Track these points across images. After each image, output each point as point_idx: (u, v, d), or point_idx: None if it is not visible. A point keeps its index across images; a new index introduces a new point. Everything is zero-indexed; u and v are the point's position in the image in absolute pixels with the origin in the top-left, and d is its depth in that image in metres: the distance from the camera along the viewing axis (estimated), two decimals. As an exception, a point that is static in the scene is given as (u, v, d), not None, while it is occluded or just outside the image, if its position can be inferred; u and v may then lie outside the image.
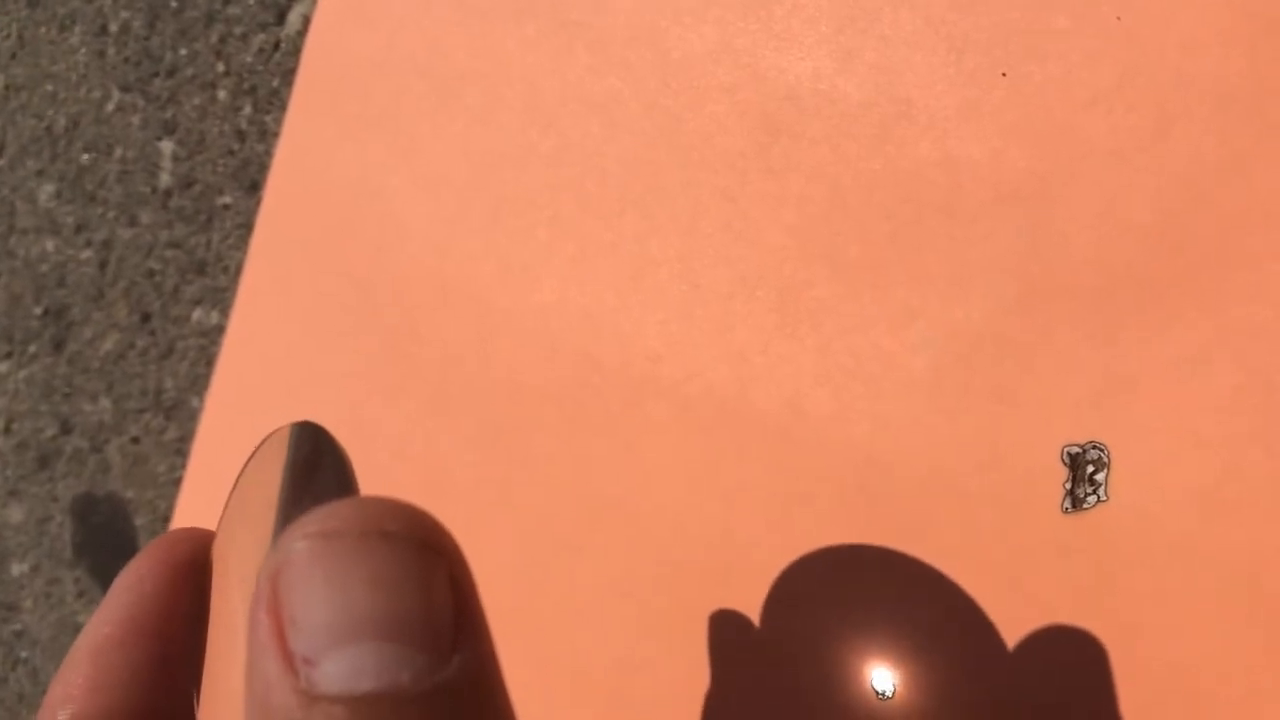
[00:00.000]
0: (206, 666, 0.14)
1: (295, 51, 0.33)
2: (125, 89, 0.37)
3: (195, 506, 0.36)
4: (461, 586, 0.11)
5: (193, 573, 0.15)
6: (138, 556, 0.15)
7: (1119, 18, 0.22)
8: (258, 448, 0.15)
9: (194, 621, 0.15)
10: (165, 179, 0.36)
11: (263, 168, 0.34)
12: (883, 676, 0.24)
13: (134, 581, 0.15)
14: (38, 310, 0.39)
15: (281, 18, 0.33)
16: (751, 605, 0.26)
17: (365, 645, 0.10)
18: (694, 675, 0.26)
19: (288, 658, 0.10)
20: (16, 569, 0.41)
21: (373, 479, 0.26)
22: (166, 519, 0.37)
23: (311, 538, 0.10)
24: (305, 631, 0.10)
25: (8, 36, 0.39)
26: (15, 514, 0.41)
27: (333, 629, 0.10)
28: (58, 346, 0.39)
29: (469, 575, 0.11)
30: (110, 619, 0.15)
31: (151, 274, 0.37)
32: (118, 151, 0.37)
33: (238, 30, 0.34)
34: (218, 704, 0.13)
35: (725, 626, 0.26)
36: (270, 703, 0.10)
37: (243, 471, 0.15)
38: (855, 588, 0.25)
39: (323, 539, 0.10)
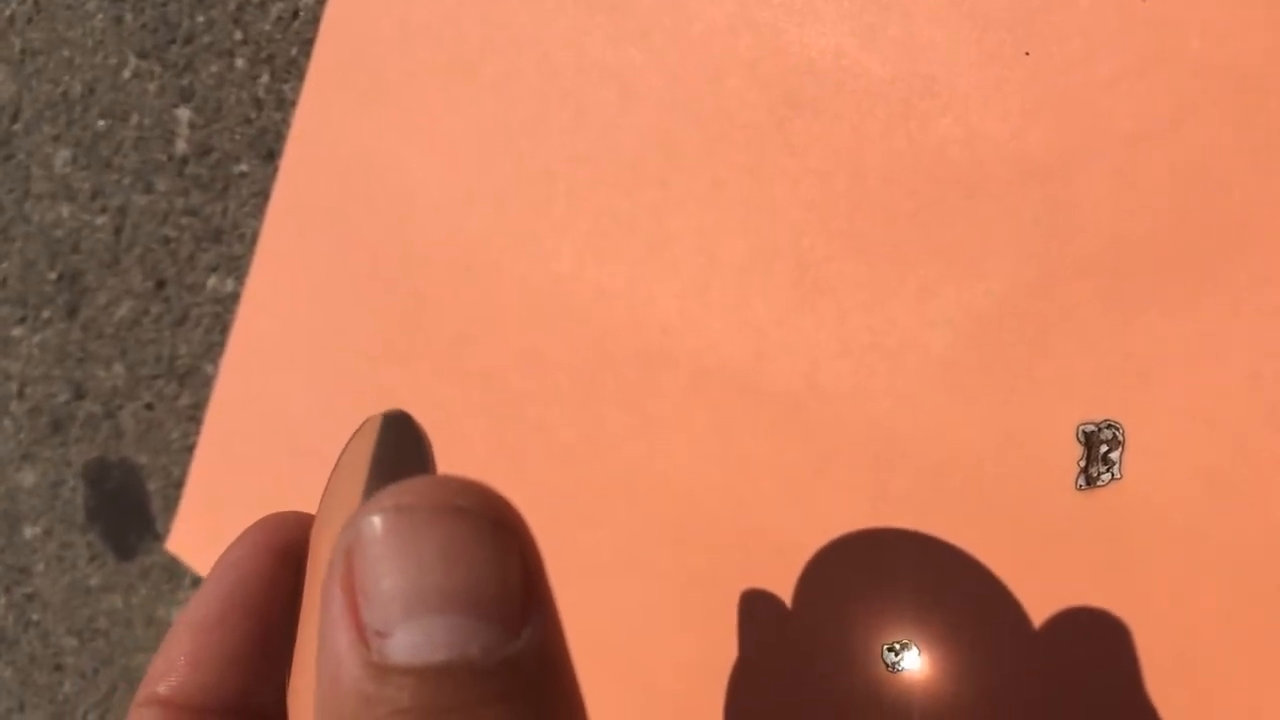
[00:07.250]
0: (296, 648, 0.14)
1: (313, 21, 0.33)
2: (142, 55, 0.37)
3: (208, 473, 0.36)
4: (531, 564, 0.11)
5: (293, 557, 0.15)
6: (240, 538, 0.15)
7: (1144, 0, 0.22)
8: (354, 434, 0.15)
9: (294, 605, 0.15)
10: (181, 146, 0.36)
11: (280, 136, 0.34)
12: (895, 650, 0.24)
13: (235, 562, 0.15)
14: (52, 275, 0.39)
15: (300, -14, 0.33)
16: (765, 579, 0.26)
17: (437, 617, 0.10)
18: (706, 647, 0.27)
19: (360, 630, 0.10)
20: (29, 532, 0.41)
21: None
22: (179, 484, 0.37)
23: (385, 512, 0.11)
24: (377, 603, 0.10)
25: (24, 1, 0.39)
26: (28, 478, 0.41)
27: (405, 601, 0.10)
28: (72, 312, 0.39)
29: (538, 554, 0.11)
30: (211, 597, 0.15)
31: (167, 241, 0.37)
32: (134, 118, 0.37)
33: (256, -2, 0.34)
34: (304, 689, 0.13)
35: (739, 599, 0.26)
36: (341, 675, 0.10)
37: (339, 458, 0.15)
38: (869, 562, 0.25)
39: (396, 513, 0.11)
